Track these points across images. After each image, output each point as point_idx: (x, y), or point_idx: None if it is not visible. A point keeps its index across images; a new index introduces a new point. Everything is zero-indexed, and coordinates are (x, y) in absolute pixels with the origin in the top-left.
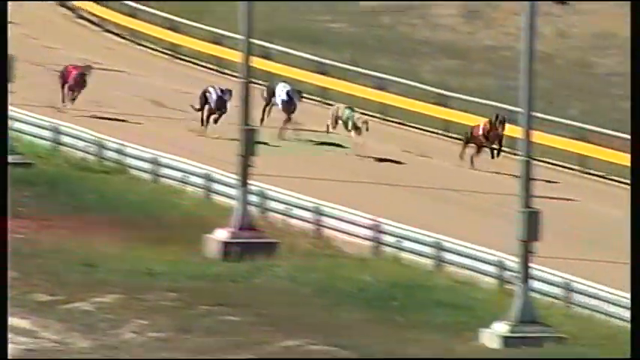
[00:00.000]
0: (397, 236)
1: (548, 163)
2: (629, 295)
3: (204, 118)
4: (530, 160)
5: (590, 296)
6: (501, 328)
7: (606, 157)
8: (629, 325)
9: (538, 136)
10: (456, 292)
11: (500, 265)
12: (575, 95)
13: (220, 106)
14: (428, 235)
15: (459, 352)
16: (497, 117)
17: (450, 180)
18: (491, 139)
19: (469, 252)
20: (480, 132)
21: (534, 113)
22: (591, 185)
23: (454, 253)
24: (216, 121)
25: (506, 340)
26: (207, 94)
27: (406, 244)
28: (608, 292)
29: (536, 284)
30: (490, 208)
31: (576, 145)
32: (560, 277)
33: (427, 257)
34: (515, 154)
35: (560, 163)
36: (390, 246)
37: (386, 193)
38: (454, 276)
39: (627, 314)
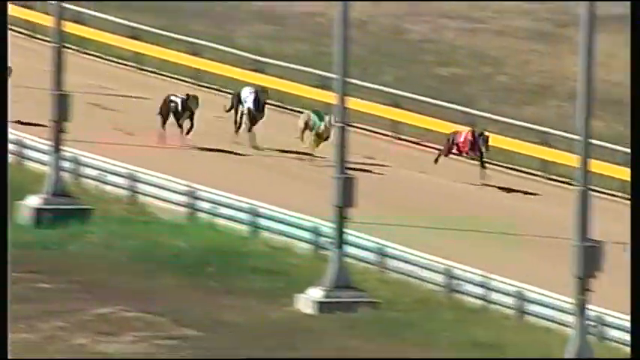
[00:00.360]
0: (212, 202)
1: (364, 129)
2: (442, 260)
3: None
4: (346, 126)
5: (404, 261)
6: (316, 293)
7: (419, 123)
8: (443, 290)
9: (353, 103)
10: (271, 258)
11: (316, 231)
12: (388, 62)
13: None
14: (243, 202)
15: (275, 318)
16: (481, 133)
17: (268, 146)
18: (475, 150)
19: (284, 218)
20: (462, 140)
21: (349, 79)
22: (404, 151)
23: (269, 219)
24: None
25: (321, 306)
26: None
27: (221, 210)
28: (421, 257)
29: (350, 250)
30: (306, 175)
31: (390, 112)
32: (375, 242)
33: (242, 223)
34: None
35: (375, 129)
36: (205, 212)
37: (201, 159)
38: (269, 242)
39: (440, 278)
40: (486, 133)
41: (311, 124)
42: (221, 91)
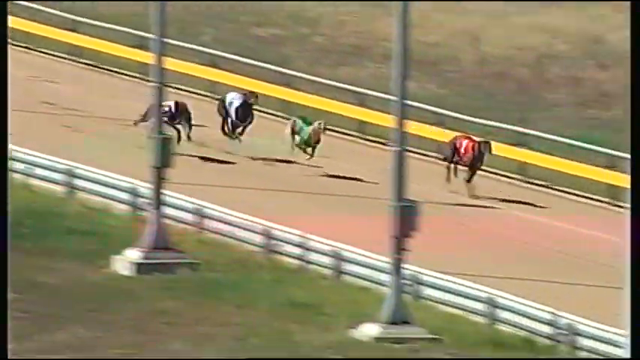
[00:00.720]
0: (27, 163)
1: (182, 90)
2: (261, 220)
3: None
4: (163, 86)
5: (222, 222)
6: (134, 254)
7: (236, 83)
8: (261, 250)
9: (170, 63)
10: (88, 219)
11: (133, 192)
12: (206, 22)
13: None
14: (59, 162)
15: (92, 280)
16: (486, 141)
17: (80, 105)
18: (478, 162)
19: (101, 179)
20: (464, 152)
21: (166, 39)
22: None
23: (86, 179)
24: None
25: (139, 267)
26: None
27: (37, 170)
28: (240, 218)
29: (169, 211)
30: (123, 136)
31: (208, 72)
32: (193, 203)
33: (58, 184)
34: (148, 81)
35: (193, 90)
36: (20, 173)
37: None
38: (86, 203)
39: (259, 239)
40: (485, 142)
41: (297, 130)
42: (32, 49)
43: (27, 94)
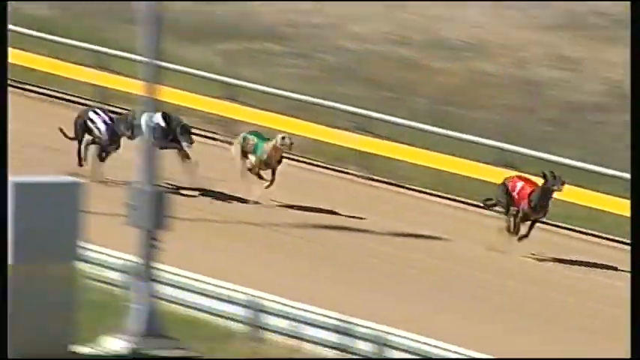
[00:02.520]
0: None
1: None
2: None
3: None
4: None
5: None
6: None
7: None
8: None
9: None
10: None
11: None
12: None
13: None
14: None
15: None
16: (553, 176)
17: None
18: (541, 209)
19: None
20: (518, 197)
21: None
22: None
23: None
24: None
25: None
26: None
27: None
28: None
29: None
30: None
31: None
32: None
33: None
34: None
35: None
36: None
37: None
38: None
39: None
40: (553, 177)
41: (250, 148)
42: None
43: None
